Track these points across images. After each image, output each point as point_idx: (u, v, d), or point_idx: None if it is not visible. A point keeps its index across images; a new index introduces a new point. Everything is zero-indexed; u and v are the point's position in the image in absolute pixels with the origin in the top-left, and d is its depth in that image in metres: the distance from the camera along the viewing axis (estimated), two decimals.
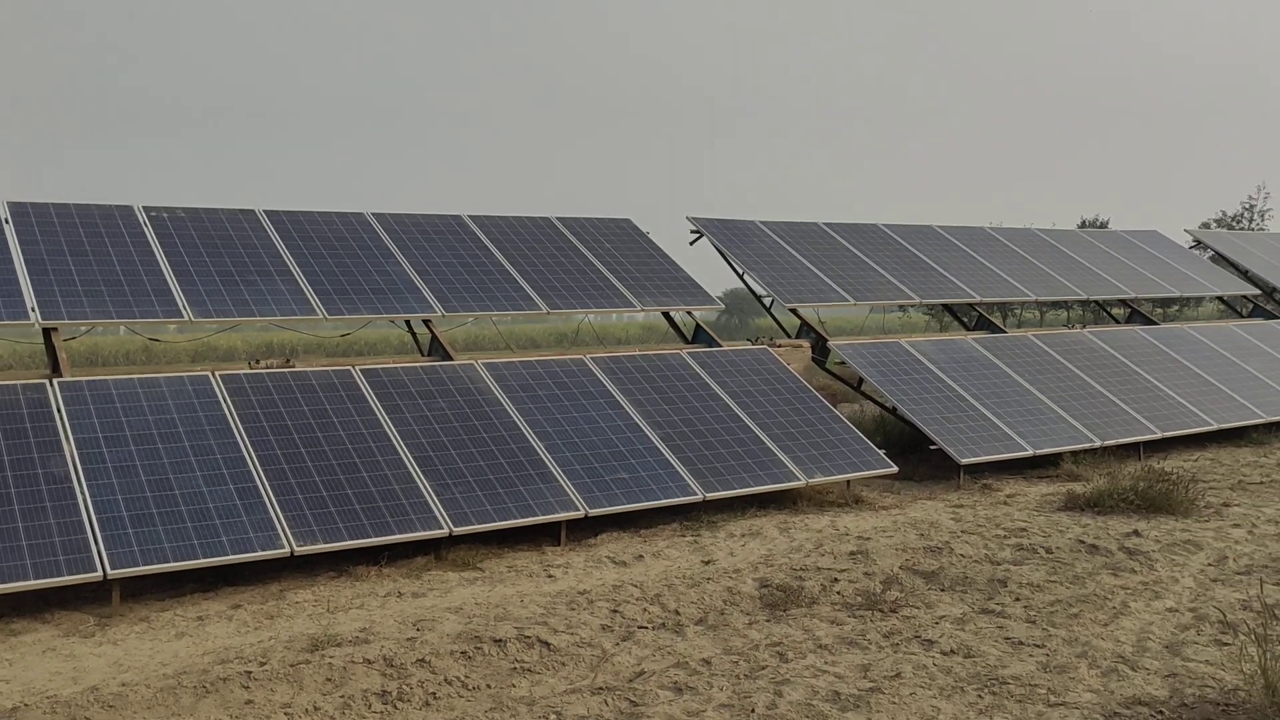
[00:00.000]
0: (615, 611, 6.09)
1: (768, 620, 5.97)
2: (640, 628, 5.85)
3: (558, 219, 11.73)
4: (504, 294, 10.08)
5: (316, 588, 6.84)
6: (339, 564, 7.26)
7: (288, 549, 6.80)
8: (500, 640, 5.48)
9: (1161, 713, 4.50)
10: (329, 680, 4.99)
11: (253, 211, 10.11)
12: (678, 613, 6.11)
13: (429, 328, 9.79)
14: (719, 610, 6.16)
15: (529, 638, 5.54)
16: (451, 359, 9.38)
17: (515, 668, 5.24)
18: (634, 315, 16.35)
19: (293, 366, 8.70)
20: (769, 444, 9.23)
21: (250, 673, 5.03)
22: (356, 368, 8.78)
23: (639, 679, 5.05)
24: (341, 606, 6.42)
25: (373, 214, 10.69)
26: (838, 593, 6.43)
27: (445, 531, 7.33)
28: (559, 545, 7.86)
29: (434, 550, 7.55)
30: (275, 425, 7.81)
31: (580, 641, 5.56)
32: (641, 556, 7.51)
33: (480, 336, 35.21)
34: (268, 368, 8.56)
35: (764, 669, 5.15)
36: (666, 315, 11.37)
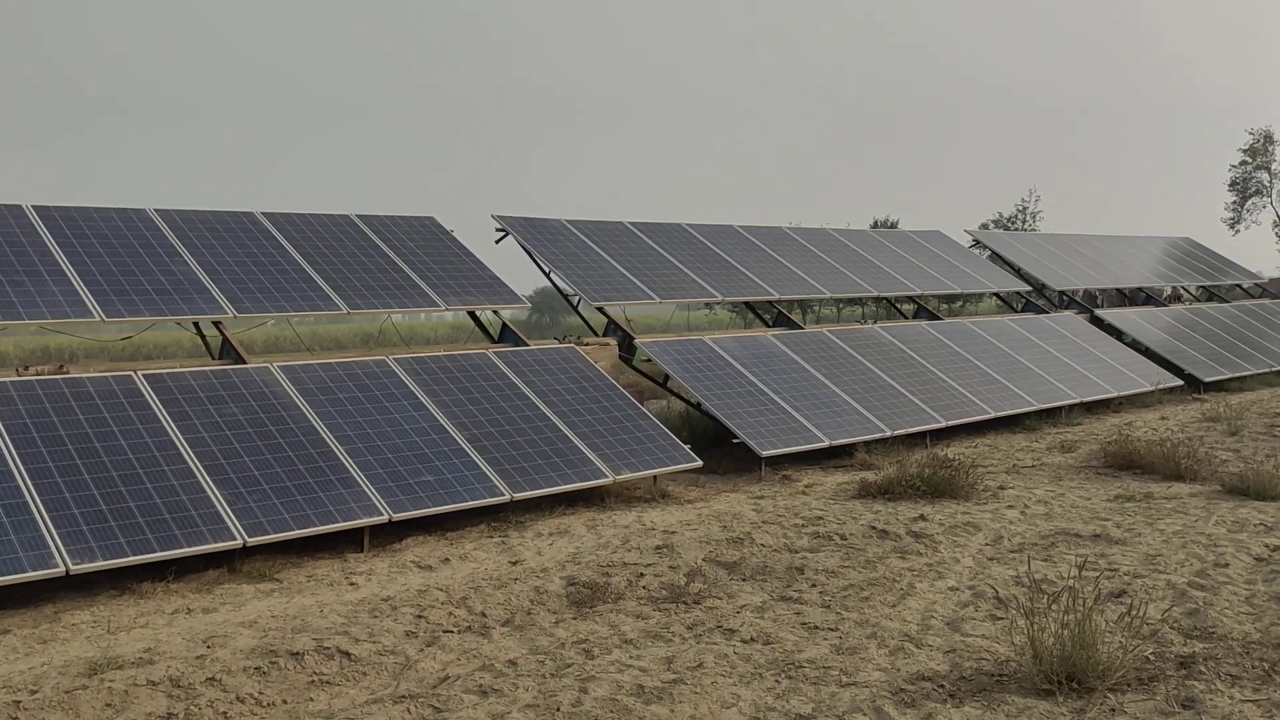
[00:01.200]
0: (420, 617, 5.98)
1: (574, 618, 5.98)
2: (446, 632, 5.76)
3: (358, 216, 11.41)
4: (301, 294, 9.73)
5: (96, 608, 6.41)
6: (122, 581, 6.84)
7: (62, 568, 6.35)
8: (297, 653, 5.28)
9: (943, 686, 4.76)
10: (109, 706, 4.68)
11: (19, 207, 9.39)
12: (484, 615, 6.05)
13: (220, 330, 9.34)
14: (526, 610, 6.13)
15: (328, 649, 5.36)
16: (245, 362, 8.98)
17: (313, 681, 5.06)
18: (443, 315, 16.11)
19: (67, 373, 8.12)
20: (577, 442, 9.26)
21: (19, 702, 4.67)
22: (139, 373, 8.29)
23: (443, 684, 4.96)
24: (124, 626, 6.04)
25: (155, 210, 10.12)
26: (644, 587, 6.52)
27: (239, 542, 7.01)
28: (362, 552, 7.65)
29: (227, 563, 7.21)
30: (48, 436, 7.28)
31: (383, 650, 5.43)
32: (448, 560, 7.40)
33: (280, 339, 33.89)
34: (39, 374, 7.97)
35: (570, 667, 5.16)
36: (472, 315, 11.25)
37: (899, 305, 16.83)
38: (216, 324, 9.31)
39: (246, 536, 7.04)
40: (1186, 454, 9.80)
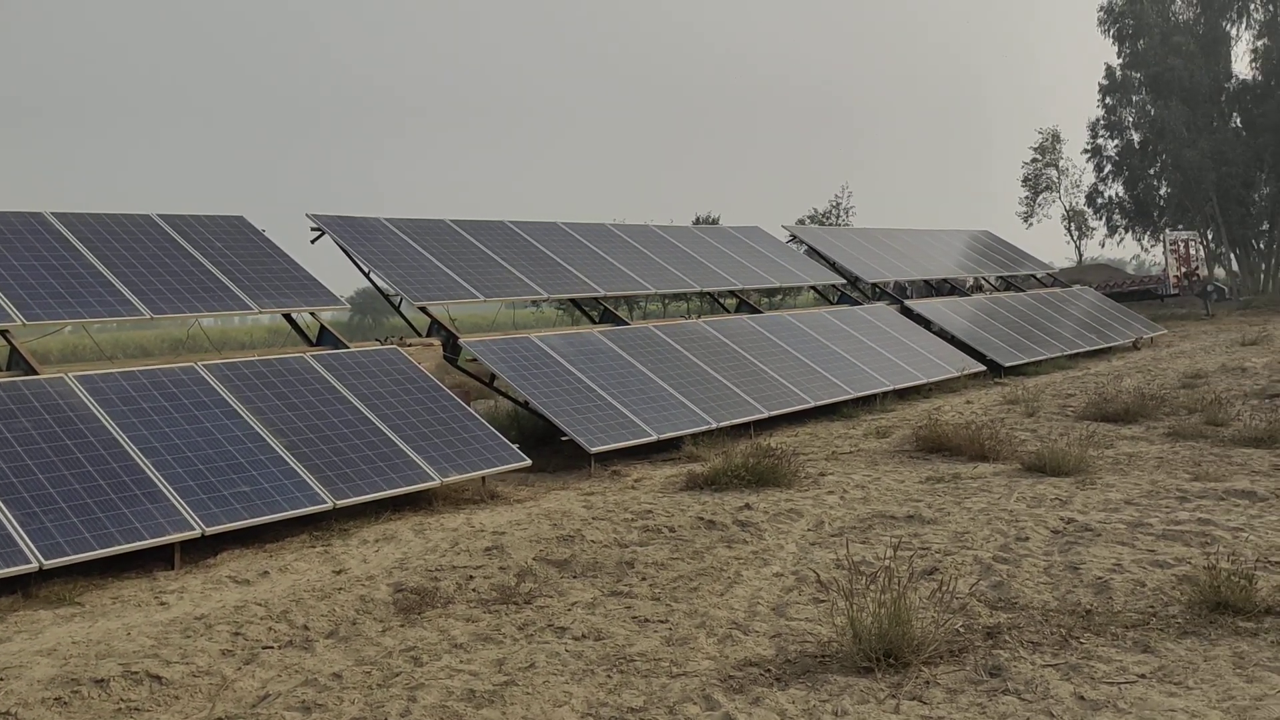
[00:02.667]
0: (237, 634, 5.72)
1: (402, 625, 5.85)
2: (265, 648, 5.53)
3: (160, 216, 10.82)
4: (98, 299, 9.15)
5: None
6: None
7: None
8: (102, 680, 4.96)
9: (770, 670, 4.88)
10: None
11: None
12: (306, 628, 5.83)
13: (7, 339, 8.69)
14: (351, 621, 5.95)
15: (137, 673, 5.06)
16: (37, 373, 8.39)
17: (120, 708, 4.76)
18: (257, 318, 15.43)
19: None
20: (402, 446, 9.06)
21: None
22: None
23: (263, 703, 4.76)
24: None
25: None
26: (474, 590, 6.43)
27: (34, 566, 6.54)
28: (173, 569, 7.26)
29: (22, 588, 6.72)
30: None
31: (197, 671, 5.17)
32: (267, 572, 7.10)
33: (80, 347, 31.91)
34: None
35: (398, 676, 5.03)
36: (288, 317, 10.84)
37: (722, 300, 17.19)
38: (3, 333, 8.66)
39: (43, 559, 6.58)
40: (989, 436, 10.37)
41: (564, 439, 10.41)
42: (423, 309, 11.75)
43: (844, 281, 18.96)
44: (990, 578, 6.16)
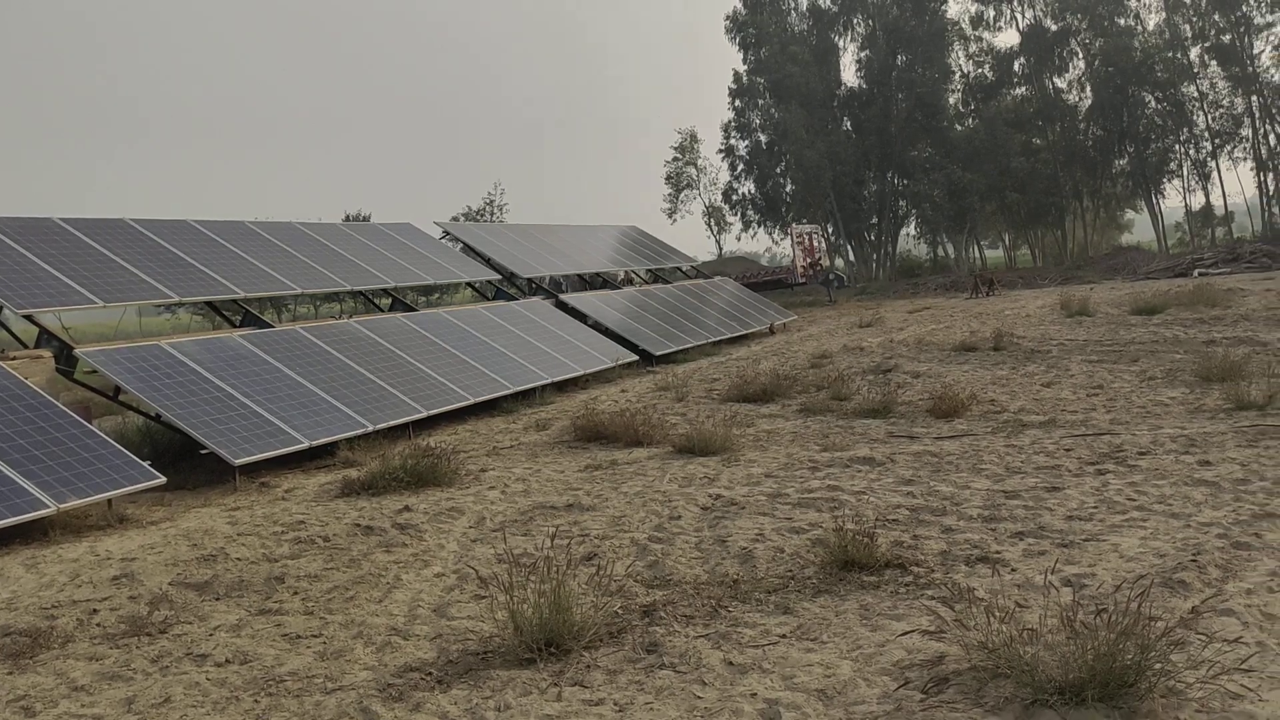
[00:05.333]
0: None
1: (10, 673, 5.14)
2: None
3: None
4: None
5: None
6: None
7: None
8: None
9: (431, 673, 4.73)
10: None
11: None
12: None
13: None
14: None
15: None
16: None
17: None
18: None
19: None
20: (7, 471, 8.01)
21: None
22: None
23: None
24: None
25: None
26: (98, 625, 5.78)
27: None
28: None
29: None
30: None
31: None
32: None
33: None
34: None
35: None
36: None
37: (376, 299, 16.69)
38: None
39: None
40: (643, 422, 10.75)
41: (204, 452, 9.66)
42: (28, 317, 10.47)
43: (500, 278, 19.01)
44: (646, 558, 6.34)
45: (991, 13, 46.08)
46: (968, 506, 6.89)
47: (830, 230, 46.69)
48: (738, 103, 48.14)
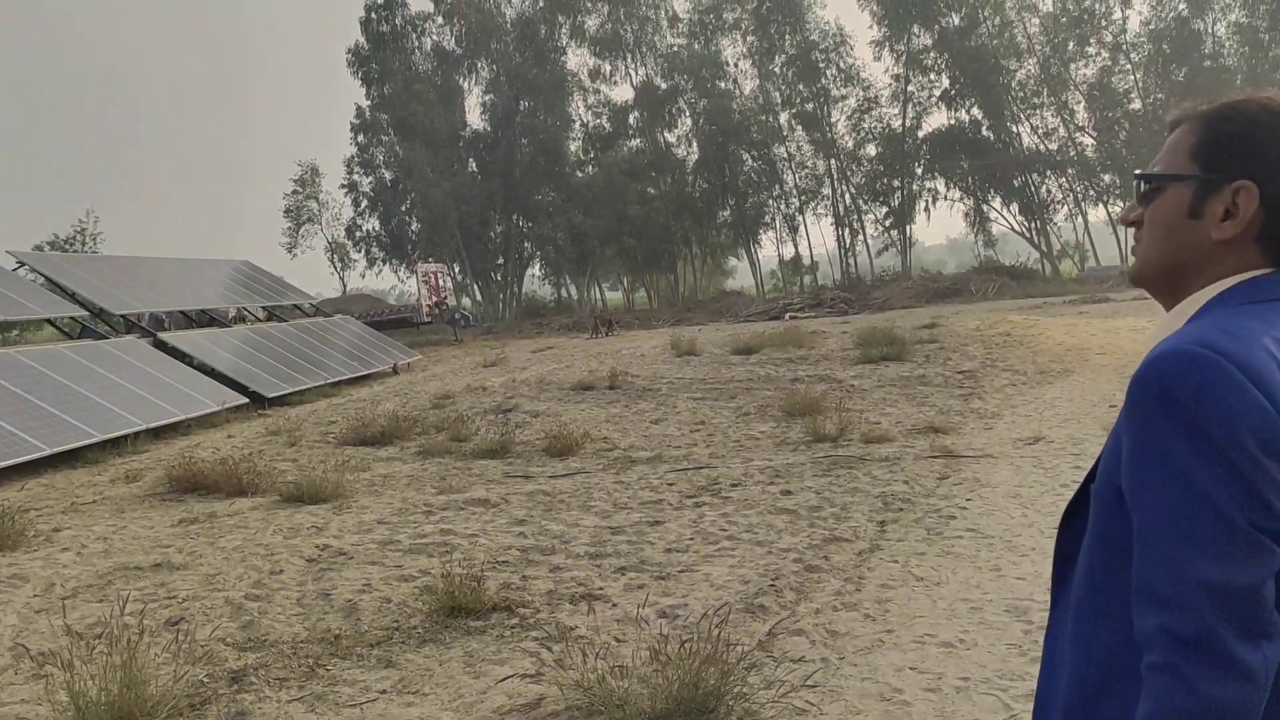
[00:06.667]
0: None
1: None
2: None
3: None
4: None
5: None
6: None
7: None
8: None
9: None
10: None
11: None
12: None
13: None
14: None
15: None
16: None
17: None
18: None
19: None
20: None
21: None
22: None
23: None
24: None
25: None
26: None
27: None
28: None
29: None
30: None
31: None
32: None
33: None
34: None
35: None
36: None
37: None
38: None
39: None
40: (248, 469, 10.09)
41: None
42: None
43: (88, 314, 17.25)
44: (241, 618, 5.91)
45: (607, 67, 48.64)
46: (576, 544, 7.06)
47: (457, 269, 46.87)
48: (361, 138, 47.28)
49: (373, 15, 46.71)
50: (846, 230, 47.83)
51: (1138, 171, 1.51)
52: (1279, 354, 1.26)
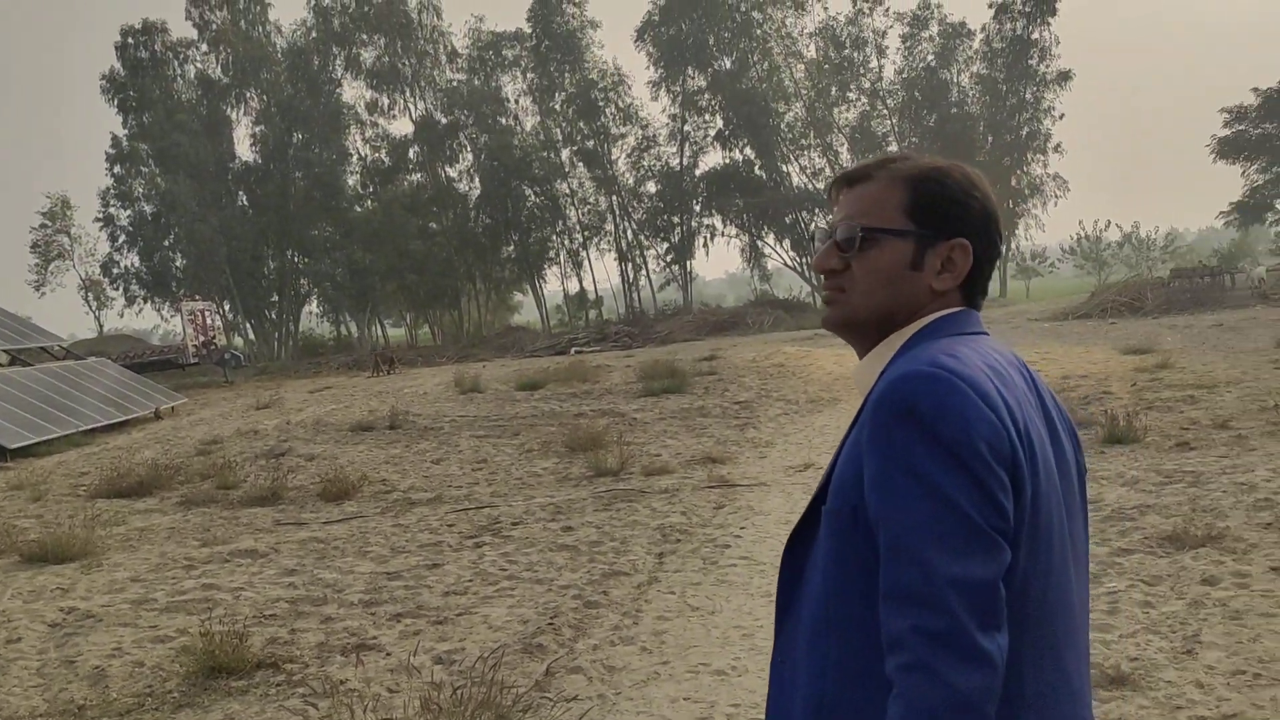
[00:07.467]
0: None
1: None
2: None
3: None
4: None
5: None
6: None
7: None
8: None
9: None
10: None
11: None
12: None
13: None
14: None
15: None
16: None
17: None
18: None
19: None
20: None
21: None
22: None
23: None
24: None
25: None
26: None
27: None
28: None
29: None
30: None
31: None
32: None
33: None
34: None
35: None
36: None
37: None
38: None
39: None
40: None
41: None
42: None
43: None
44: None
45: (385, 101, 47.83)
46: (350, 592, 6.80)
47: (227, 307, 44.74)
48: (118, 169, 44.50)
49: (129, 40, 44.21)
50: (630, 265, 48.73)
51: (860, 225, 1.53)
52: (994, 378, 1.38)
